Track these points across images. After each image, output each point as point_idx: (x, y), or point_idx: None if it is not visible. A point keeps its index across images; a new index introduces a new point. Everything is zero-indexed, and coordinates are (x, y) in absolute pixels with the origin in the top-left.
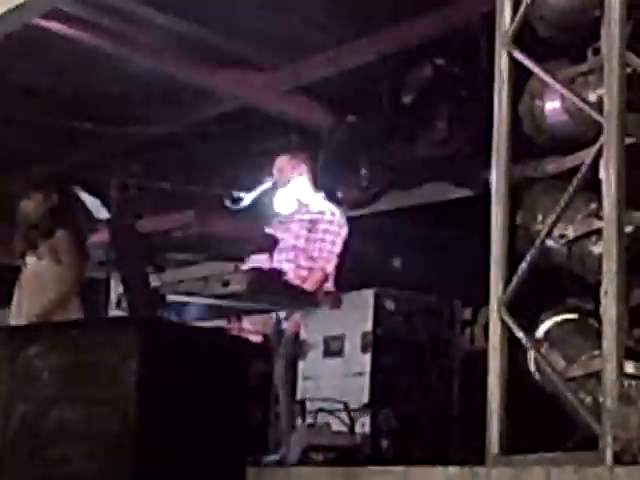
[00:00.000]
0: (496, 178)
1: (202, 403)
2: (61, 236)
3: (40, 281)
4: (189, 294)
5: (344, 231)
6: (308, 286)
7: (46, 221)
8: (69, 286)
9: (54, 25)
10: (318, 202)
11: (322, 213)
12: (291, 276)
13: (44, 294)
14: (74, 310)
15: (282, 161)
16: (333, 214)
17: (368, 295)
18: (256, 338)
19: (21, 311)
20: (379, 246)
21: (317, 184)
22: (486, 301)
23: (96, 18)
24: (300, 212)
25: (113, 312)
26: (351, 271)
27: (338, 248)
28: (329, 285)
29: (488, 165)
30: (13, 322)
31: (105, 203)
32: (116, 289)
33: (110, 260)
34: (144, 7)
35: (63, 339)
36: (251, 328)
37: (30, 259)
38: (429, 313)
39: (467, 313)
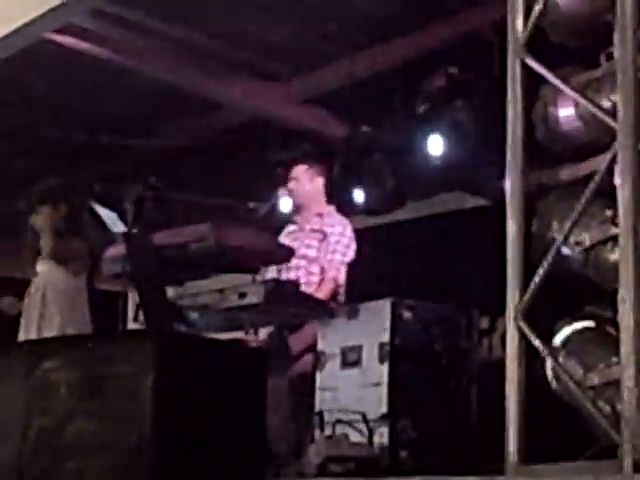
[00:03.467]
0: (511, 186)
1: (219, 415)
2: (71, 246)
3: (53, 297)
4: (206, 306)
5: (354, 245)
6: (320, 296)
7: (56, 233)
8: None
9: (68, 39)
10: (331, 214)
11: (333, 225)
12: (302, 283)
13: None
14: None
15: (299, 170)
16: (345, 226)
17: (385, 305)
18: None
19: (52, 324)
20: (396, 255)
21: (331, 196)
22: (503, 310)
23: (111, 32)
24: (312, 222)
25: (130, 325)
26: (367, 281)
27: (348, 260)
28: (340, 296)
29: (503, 173)
30: (33, 334)
31: (121, 216)
32: (133, 302)
33: (127, 273)
34: (159, 20)
35: (79, 353)
36: (268, 340)
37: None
38: (446, 322)
39: (485, 322)
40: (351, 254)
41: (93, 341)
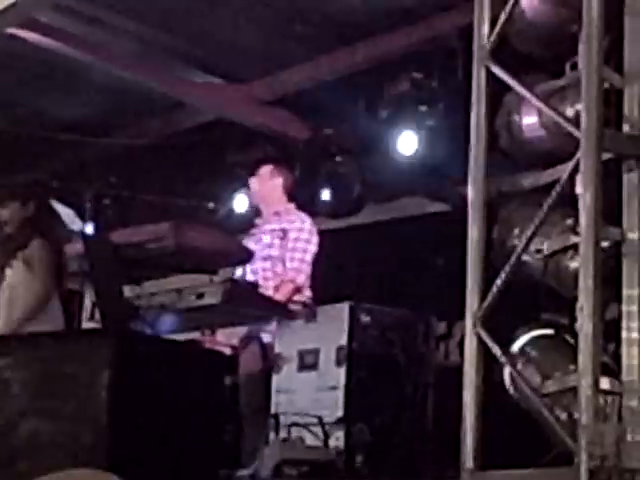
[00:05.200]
0: (472, 192)
1: (174, 416)
2: (36, 245)
3: (14, 293)
4: (163, 306)
5: (315, 238)
6: (279, 298)
7: (23, 230)
8: (36, 299)
9: (30, 35)
10: (290, 211)
11: (292, 222)
12: (264, 286)
13: (17, 307)
14: (53, 322)
15: (265, 169)
16: (303, 221)
17: (343, 308)
18: (229, 351)
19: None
20: (354, 259)
21: (292, 196)
22: (461, 315)
23: (73, 28)
24: (271, 222)
25: (86, 324)
26: (326, 284)
27: (310, 256)
28: (304, 297)
29: (464, 179)
30: None
31: (79, 214)
32: (90, 300)
33: (84, 271)
34: (123, 18)
35: (34, 351)
36: (224, 341)
37: (7, 271)
38: (404, 327)
39: (442, 327)
40: (312, 249)
41: (48, 339)
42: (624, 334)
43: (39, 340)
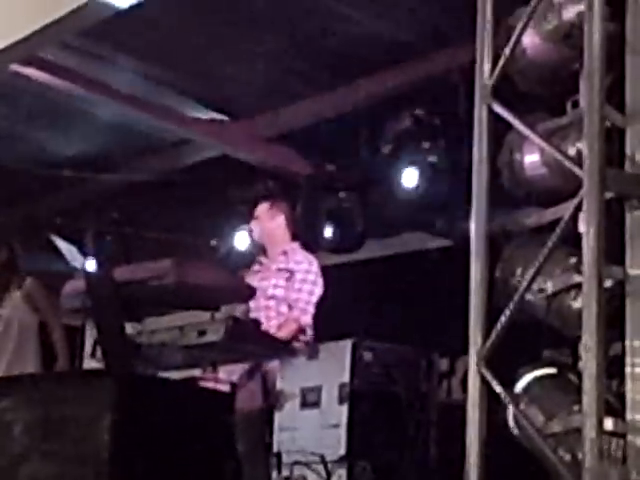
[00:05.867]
0: (475, 230)
1: (177, 458)
2: (34, 284)
3: (22, 331)
4: (164, 343)
5: (320, 281)
6: (282, 336)
7: (2, 275)
8: (61, 333)
9: (33, 72)
10: (296, 251)
11: (299, 262)
12: (267, 325)
13: (32, 345)
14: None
15: (261, 209)
16: (310, 263)
17: (346, 346)
18: (229, 388)
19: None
20: (356, 295)
21: (295, 232)
22: (463, 352)
23: (76, 65)
24: (278, 261)
25: (87, 361)
26: (328, 320)
27: (315, 298)
28: (307, 337)
29: (466, 215)
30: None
31: (81, 250)
32: (91, 337)
33: (86, 308)
34: (124, 55)
35: (35, 392)
36: (226, 378)
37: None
38: (406, 364)
39: (444, 364)
40: (318, 291)
41: (49, 380)
42: (628, 370)
43: (40, 381)
